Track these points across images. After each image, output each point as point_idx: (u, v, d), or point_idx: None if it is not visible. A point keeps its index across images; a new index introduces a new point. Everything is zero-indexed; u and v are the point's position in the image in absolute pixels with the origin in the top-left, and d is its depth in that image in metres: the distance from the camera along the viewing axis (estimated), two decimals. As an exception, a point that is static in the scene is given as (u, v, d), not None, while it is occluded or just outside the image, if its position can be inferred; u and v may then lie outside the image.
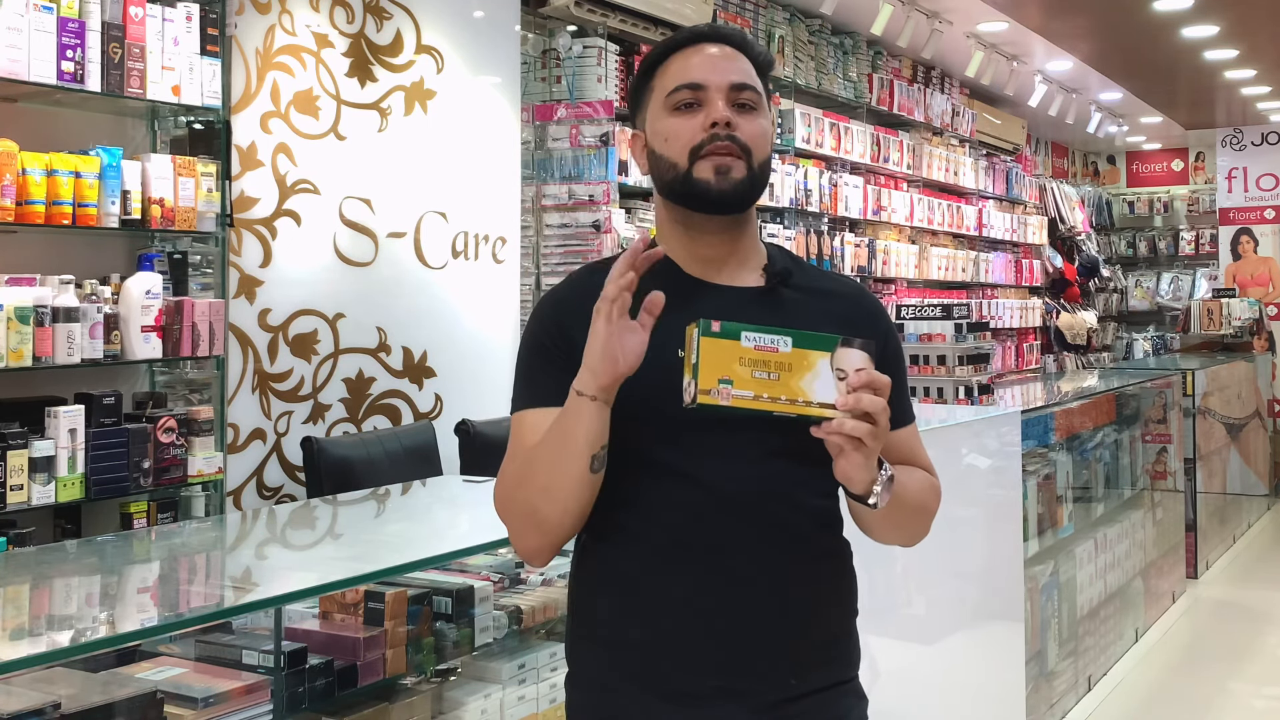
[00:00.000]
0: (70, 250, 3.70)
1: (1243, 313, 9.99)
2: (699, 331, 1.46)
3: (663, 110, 1.68)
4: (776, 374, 1.46)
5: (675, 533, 1.61)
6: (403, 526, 3.14)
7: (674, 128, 1.66)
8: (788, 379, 1.46)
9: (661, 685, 1.61)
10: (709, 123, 1.64)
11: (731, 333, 1.46)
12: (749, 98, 1.67)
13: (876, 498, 1.55)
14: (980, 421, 4.12)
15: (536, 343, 1.68)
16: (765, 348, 1.46)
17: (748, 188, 1.65)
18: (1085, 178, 13.22)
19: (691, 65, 1.68)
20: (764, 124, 1.68)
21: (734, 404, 1.45)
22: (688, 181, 1.65)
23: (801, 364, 1.47)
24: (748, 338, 1.46)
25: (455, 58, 4.92)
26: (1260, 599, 6.95)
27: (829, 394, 1.47)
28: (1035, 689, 4.45)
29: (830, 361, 1.48)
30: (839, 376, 1.47)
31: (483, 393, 4.89)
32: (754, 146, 1.65)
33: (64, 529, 3.57)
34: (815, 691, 1.65)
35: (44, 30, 3.37)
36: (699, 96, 1.66)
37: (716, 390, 1.45)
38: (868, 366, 1.48)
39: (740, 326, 1.46)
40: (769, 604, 1.61)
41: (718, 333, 1.46)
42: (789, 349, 1.47)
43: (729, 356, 1.45)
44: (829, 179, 7.13)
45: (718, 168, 1.63)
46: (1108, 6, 7.24)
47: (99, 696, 1.97)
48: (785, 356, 1.47)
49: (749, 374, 1.46)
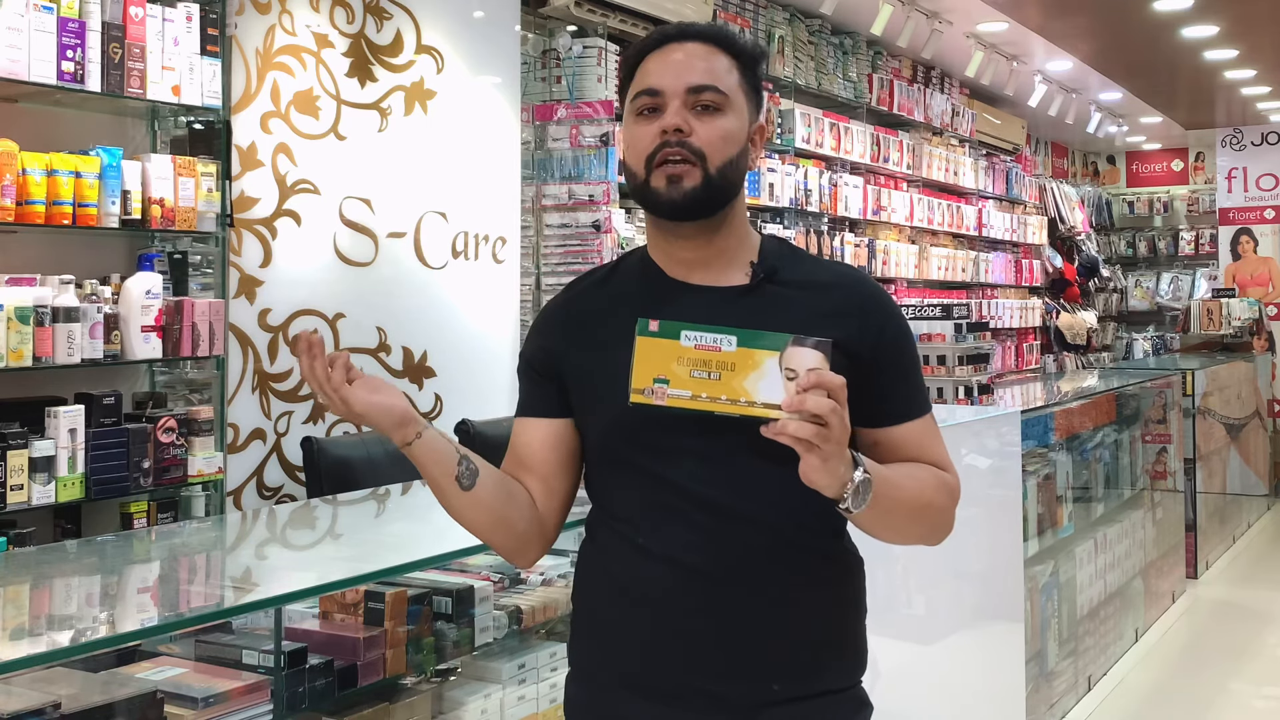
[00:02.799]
0: (70, 250, 3.70)
1: (1242, 313, 9.99)
2: (636, 331, 1.46)
3: (630, 116, 1.68)
4: (718, 373, 1.44)
5: (656, 534, 1.62)
6: (403, 526, 3.14)
7: (634, 135, 1.66)
8: (730, 378, 1.44)
9: (644, 684, 1.63)
10: (658, 130, 1.63)
11: (670, 332, 1.45)
12: (709, 99, 1.64)
13: (848, 502, 1.49)
14: (980, 421, 4.12)
15: (524, 354, 1.77)
16: (706, 346, 1.45)
17: (702, 195, 1.62)
18: (1085, 178, 13.21)
19: (650, 70, 1.67)
20: (727, 124, 1.64)
21: (670, 404, 1.44)
22: (645, 191, 1.65)
23: (746, 363, 1.44)
24: (688, 337, 1.45)
25: (455, 58, 4.92)
26: (1260, 599, 6.95)
27: (775, 394, 1.43)
28: (1035, 689, 4.45)
29: (779, 361, 1.44)
30: (789, 376, 1.43)
31: (483, 393, 4.89)
32: (710, 150, 1.62)
33: (64, 529, 3.57)
34: (803, 698, 1.62)
35: (44, 30, 3.37)
36: (657, 102, 1.65)
37: (650, 390, 1.45)
38: (821, 366, 1.43)
39: (680, 325, 1.45)
40: (748, 606, 1.59)
41: (655, 332, 1.46)
42: (734, 348, 1.45)
43: (666, 355, 1.45)
44: (829, 179, 7.13)
45: (669, 176, 1.62)
46: (1108, 6, 7.23)
47: (99, 696, 1.97)
48: (729, 356, 1.44)
49: (687, 373, 1.44)
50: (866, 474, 1.49)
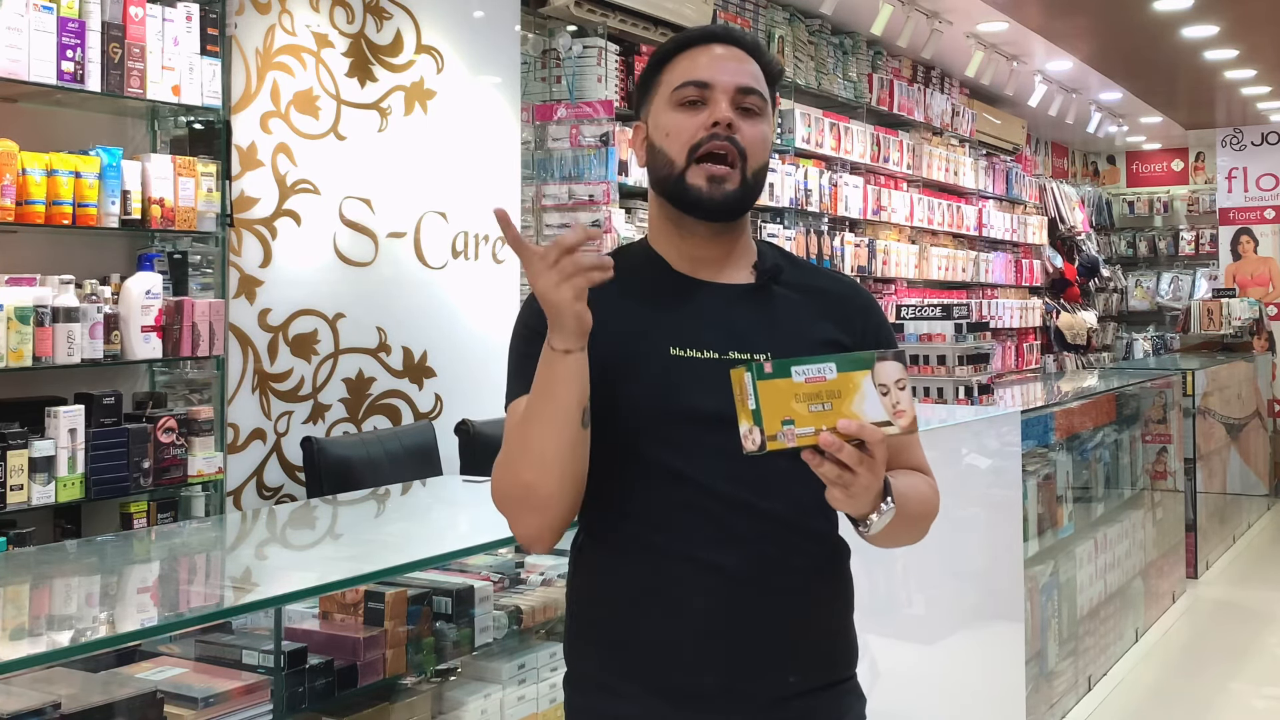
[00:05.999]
0: (70, 250, 3.70)
1: (1243, 313, 9.99)
2: (752, 375, 1.43)
3: (667, 105, 1.68)
4: (829, 403, 1.45)
5: (669, 531, 1.60)
6: (403, 526, 3.14)
7: (676, 123, 1.66)
8: (840, 404, 1.45)
9: (661, 684, 1.61)
10: (710, 122, 1.64)
11: (782, 371, 1.44)
12: (753, 102, 1.67)
13: (867, 528, 1.53)
14: (980, 421, 4.12)
15: (529, 332, 1.67)
16: (815, 379, 1.45)
17: (739, 197, 1.66)
18: (1085, 178, 13.22)
19: (700, 63, 1.68)
20: (765, 130, 1.69)
21: (799, 443, 1.44)
22: (681, 185, 1.65)
23: (848, 387, 1.45)
24: (798, 372, 1.44)
25: (455, 58, 4.92)
26: (1260, 599, 6.95)
27: (878, 412, 1.46)
28: (1035, 689, 4.45)
29: (872, 379, 1.46)
30: (882, 392, 1.46)
31: (483, 393, 4.88)
32: (751, 152, 1.66)
33: (64, 529, 3.57)
34: (815, 690, 1.64)
35: (44, 30, 3.37)
36: (704, 95, 1.66)
37: (782, 434, 1.43)
38: (904, 376, 1.48)
39: (789, 362, 1.44)
40: (766, 601, 1.60)
41: (771, 374, 1.43)
42: (835, 375, 1.45)
43: (785, 396, 1.43)
44: (829, 179, 7.14)
45: (711, 176, 1.63)
46: (1108, 6, 7.24)
47: (99, 696, 1.97)
48: (833, 384, 1.45)
49: (805, 409, 1.44)
50: (893, 505, 1.52)
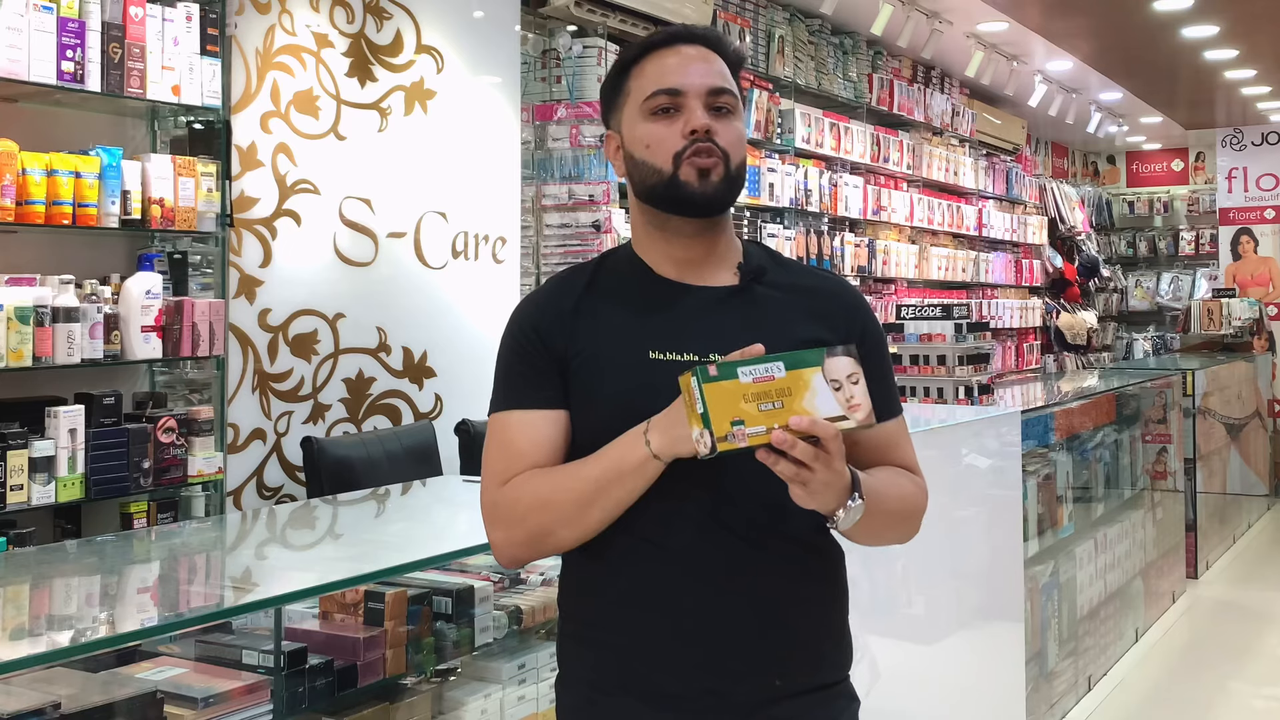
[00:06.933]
0: (70, 250, 3.70)
1: (1243, 313, 9.99)
2: (698, 379, 1.44)
3: (639, 115, 1.68)
4: (780, 401, 1.46)
5: (653, 534, 1.61)
6: (403, 526, 3.14)
7: (654, 135, 1.66)
8: (791, 402, 1.46)
9: (644, 687, 1.62)
10: (689, 130, 1.64)
11: (728, 372, 1.45)
12: (726, 101, 1.67)
13: (836, 522, 1.54)
14: (980, 421, 4.12)
15: (517, 345, 1.69)
16: (763, 378, 1.46)
17: (726, 190, 1.66)
18: (1085, 178, 13.21)
19: (668, 69, 1.67)
20: (739, 127, 1.69)
21: (752, 443, 1.45)
22: (673, 185, 1.65)
23: (799, 385, 1.47)
24: (744, 373, 1.45)
25: (455, 58, 4.92)
26: (1260, 599, 6.95)
27: (831, 407, 1.47)
28: (1035, 689, 4.45)
29: (823, 375, 1.48)
30: (834, 387, 1.48)
31: (483, 393, 4.82)
32: (731, 150, 1.66)
33: (64, 529, 3.57)
34: (802, 693, 1.64)
35: (44, 30, 3.37)
36: (676, 102, 1.66)
37: (731, 434, 1.44)
38: (857, 371, 1.49)
39: (735, 364, 1.46)
40: (749, 604, 1.60)
41: (716, 376, 1.45)
42: (784, 374, 1.47)
43: (733, 397, 1.45)
44: (829, 179, 7.13)
45: (700, 169, 1.64)
46: (1108, 6, 7.24)
47: (99, 696, 1.97)
48: (783, 382, 1.46)
49: (755, 409, 1.45)
50: (861, 500, 1.53)
